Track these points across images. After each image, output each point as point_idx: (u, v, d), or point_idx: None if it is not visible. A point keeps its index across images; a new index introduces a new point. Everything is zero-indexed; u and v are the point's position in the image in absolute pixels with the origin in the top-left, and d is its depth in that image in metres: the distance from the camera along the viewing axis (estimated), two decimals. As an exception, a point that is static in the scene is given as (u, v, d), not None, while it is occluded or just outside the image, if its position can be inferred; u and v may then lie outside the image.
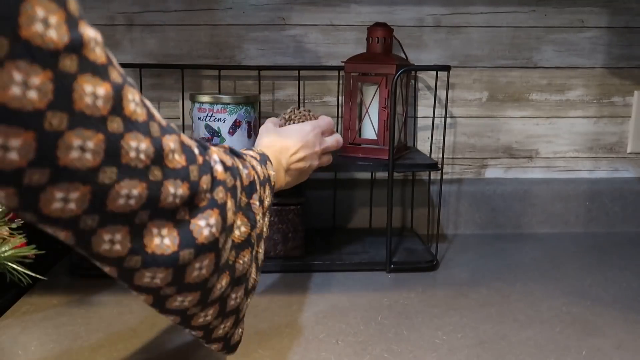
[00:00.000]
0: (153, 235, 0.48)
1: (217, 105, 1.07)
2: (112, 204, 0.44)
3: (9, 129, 0.37)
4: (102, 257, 0.47)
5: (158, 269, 0.49)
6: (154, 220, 0.47)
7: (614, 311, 0.96)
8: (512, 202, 1.35)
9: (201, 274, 0.53)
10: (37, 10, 0.36)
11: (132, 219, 0.46)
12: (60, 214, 0.42)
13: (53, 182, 0.40)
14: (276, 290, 1.03)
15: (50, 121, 0.38)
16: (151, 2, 1.24)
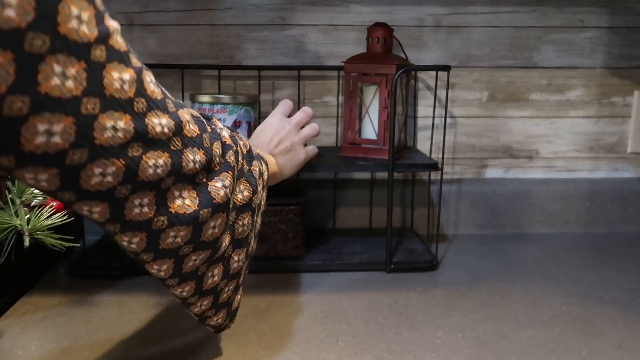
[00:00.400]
0: (175, 198, 0.54)
1: (217, 105, 1.07)
2: (143, 173, 0.50)
3: (52, 116, 0.42)
4: (133, 223, 0.52)
5: (180, 227, 0.55)
6: (176, 185, 0.53)
7: (614, 311, 0.96)
8: (512, 202, 1.35)
9: (214, 233, 0.59)
10: (72, 8, 0.41)
11: (159, 185, 0.52)
12: (99, 187, 0.47)
13: (92, 160, 0.46)
14: (276, 290, 1.03)
15: (86, 106, 0.44)
16: (151, 2, 1.24)
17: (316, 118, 1.30)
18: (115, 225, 0.52)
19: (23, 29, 0.38)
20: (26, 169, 0.44)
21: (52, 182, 0.46)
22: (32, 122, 0.41)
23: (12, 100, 0.40)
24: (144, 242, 0.54)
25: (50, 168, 0.45)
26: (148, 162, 0.50)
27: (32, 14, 0.38)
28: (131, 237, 0.54)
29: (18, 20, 0.38)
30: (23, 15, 0.38)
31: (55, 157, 0.44)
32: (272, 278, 1.08)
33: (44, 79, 0.41)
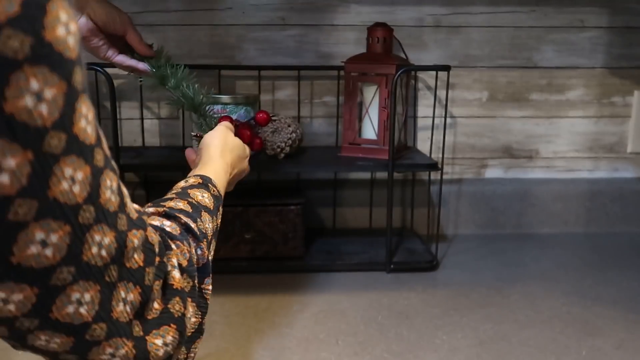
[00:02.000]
0: (101, 354, 0.41)
1: (217, 105, 1.07)
2: (58, 310, 0.37)
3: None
4: (36, 349, 0.40)
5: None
6: (109, 340, 0.41)
7: (614, 311, 0.96)
8: (512, 202, 1.35)
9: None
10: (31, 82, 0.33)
11: (83, 335, 0.39)
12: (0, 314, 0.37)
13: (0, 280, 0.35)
14: (276, 290, 1.03)
15: (17, 209, 0.34)
16: (151, 2, 1.24)
17: (316, 118, 1.30)
18: (14, 344, 0.41)
19: (12, 196, 0.32)
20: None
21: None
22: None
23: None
24: None
25: None
26: (71, 295, 0.37)
27: (24, 181, 0.33)
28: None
29: (8, 188, 0.32)
30: (15, 183, 0.32)
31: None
32: (272, 278, 1.08)
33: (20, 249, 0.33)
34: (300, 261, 1.12)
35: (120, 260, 0.40)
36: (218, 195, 0.61)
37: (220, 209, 0.61)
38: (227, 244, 1.10)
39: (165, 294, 0.46)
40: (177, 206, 0.54)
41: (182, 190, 0.58)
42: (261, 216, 1.10)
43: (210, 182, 0.62)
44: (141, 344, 0.43)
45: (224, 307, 0.96)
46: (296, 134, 1.10)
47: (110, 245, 0.39)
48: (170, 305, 0.46)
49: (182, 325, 0.47)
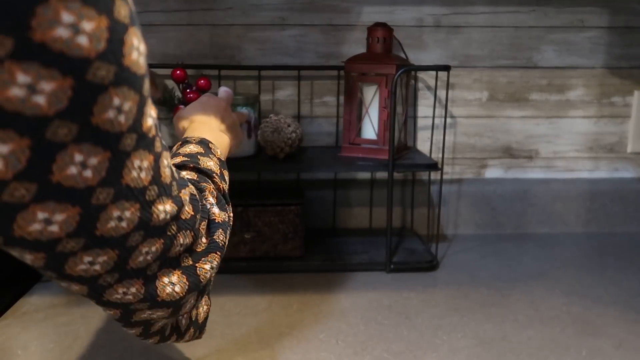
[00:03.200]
0: (165, 285, 0.50)
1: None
2: (133, 262, 0.46)
3: (57, 205, 0.39)
4: (111, 303, 0.49)
5: (160, 310, 0.52)
6: (162, 270, 0.50)
7: (614, 311, 0.96)
8: (512, 202, 1.35)
9: (190, 307, 0.56)
10: (115, 99, 0.38)
11: (146, 272, 0.48)
12: (84, 274, 0.44)
13: (85, 249, 0.43)
14: (276, 290, 1.03)
15: (98, 196, 0.41)
16: (151, 2, 1.24)
17: (316, 118, 1.30)
18: (91, 300, 0.49)
19: (50, 116, 0.36)
20: (13, 249, 0.41)
21: (37, 262, 0.42)
22: (32, 210, 0.38)
23: (15, 187, 0.37)
24: (117, 315, 0.51)
25: (38, 252, 0.41)
26: (142, 250, 0.46)
27: (64, 103, 0.36)
28: (105, 309, 0.50)
29: (46, 108, 0.35)
30: (54, 105, 0.35)
31: (46, 244, 0.40)
32: (272, 278, 1.08)
33: (59, 168, 0.37)
34: (300, 261, 1.12)
35: (178, 216, 0.49)
36: (200, 140, 0.68)
37: (211, 146, 0.69)
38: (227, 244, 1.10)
39: (210, 228, 0.56)
40: (176, 161, 0.62)
41: (172, 154, 0.65)
42: (261, 216, 1.10)
43: (186, 138, 0.69)
44: (191, 270, 0.52)
45: (224, 307, 0.96)
46: (296, 134, 1.10)
47: (172, 209, 0.47)
48: (215, 236, 0.56)
49: (223, 250, 0.57)
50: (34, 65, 0.34)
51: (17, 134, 0.35)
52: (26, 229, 0.39)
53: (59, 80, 0.35)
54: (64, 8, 0.34)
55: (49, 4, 0.33)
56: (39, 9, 0.33)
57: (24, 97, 0.34)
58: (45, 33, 0.34)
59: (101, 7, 0.36)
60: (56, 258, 0.42)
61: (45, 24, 0.33)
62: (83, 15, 0.35)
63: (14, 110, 0.34)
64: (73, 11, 0.34)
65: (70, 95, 0.36)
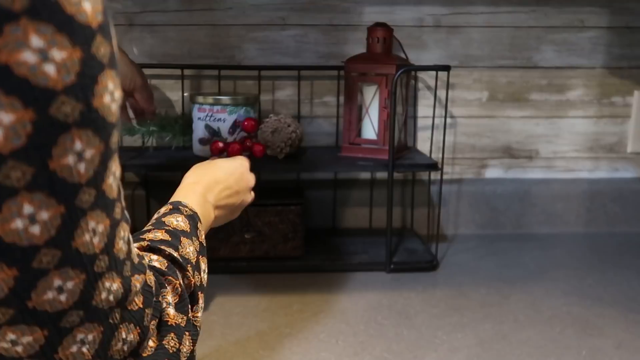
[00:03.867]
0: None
1: (217, 106, 1.07)
2: (63, 352, 0.39)
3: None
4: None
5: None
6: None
7: (614, 311, 0.96)
8: (512, 202, 1.35)
9: None
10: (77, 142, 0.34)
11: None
12: (4, 352, 0.38)
13: (11, 323, 0.37)
14: (276, 290, 1.03)
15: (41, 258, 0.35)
16: (151, 2, 1.24)
17: (316, 118, 1.30)
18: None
19: (5, 155, 0.32)
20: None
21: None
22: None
23: None
24: None
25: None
26: (77, 336, 0.38)
27: (22, 140, 0.32)
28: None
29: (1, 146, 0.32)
30: (11, 140, 0.32)
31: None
32: (272, 278, 1.08)
33: (3, 220, 0.33)
34: (300, 261, 1.12)
35: (124, 304, 0.41)
36: (192, 214, 0.60)
37: (199, 225, 0.60)
38: (227, 244, 1.10)
39: (160, 330, 0.47)
40: (157, 237, 0.54)
41: (156, 220, 0.58)
42: (261, 216, 1.10)
43: (180, 204, 0.60)
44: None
45: (224, 307, 0.96)
46: (296, 134, 1.10)
47: (118, 290, 0.40)
48: (165, 341, 0.47)
49: (176, 358, 0.49)
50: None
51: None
52: None
53: (19, 111, 0.31)
54: (35, 31, 0.31)
55: (18, 24, 0.31)
56: (8, 27, 0.31)
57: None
58: (10, 55, 0.31)
59: (78, 38, 0.33)
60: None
61: (12, 44, 0.31)
62: (55, 42, 0.32)
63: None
64: (44, 36, 0.32)
65: (29, 132, 0.32)
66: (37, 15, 0.31)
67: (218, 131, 1.08)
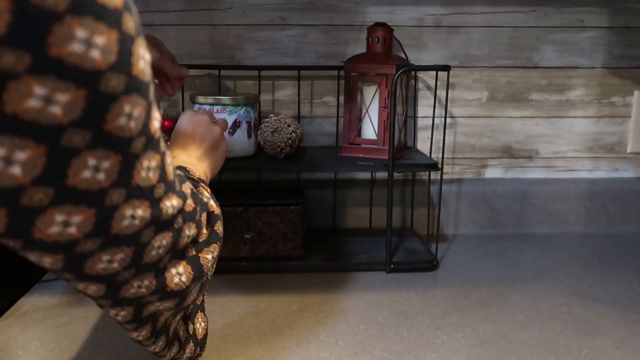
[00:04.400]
0: (173, 276, 0.53)
1: (217, 106, 1.07)
2: (147, 256, 0.49)
3: (74, 208, 0.41)
4: (126, 300, 0.51)
5: (168, 300, 0.54)
6: (171, 262, 0.52)
7: (614, 311, 0.96)
8: (512, 202, 1.35)
9: (193, 299, 0.58)
10: (125, 107, 0.41)
11: (158, 265, 0.51)
12: (103, 272, 0.47)
13: (103, 249, 0.45)
14: (276, 290, 1.03)
15: (111, 197, 0.43)
16: (151, 2, 1.24)
17: (316, 118, 1.30)
18: (107, 301, 0.51)
19: (64, 125, 0.38)
20: (31, 252, 0.43)
21: (55, 265, 0.45)
22: (50, 213, 0.40)
23: (33, 192, 0.39)
24: (130, 314, 0.54)
25: (57, 254, 0.43)
26: (154, 244, 0.49)
27: (78, 113, 0.38)
28: (119, 311, 0.53)
29: (61, 117, 0.37)
30: (69, 114, 0.38)
31: (64, 245, 0.43)
32: (272, 278, 1.08)
33: (74, 172, 0.40)
34: (300, 261, 1.12)
35: (183, 209, 0.52)
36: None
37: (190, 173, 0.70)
38: (227, 244, 1.10)
39: (210, 219, 0.59)
40: None
41: None
42: (261, 216, 1.10)
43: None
44: (195, 260, 0.55)
45: (224, 307, 0.96)
46: (296, 134, 1.10)
47: (178, 204, 0.51)
48: (216, 227, 0.60)
49: (221, 241, 0.61)
50: (50, 78, 0.36)
51: (34, 141, 0.37)
52: (45, 232, 0.41)
53: (73, 91, 0.37)
54: (78, 25, 0.36)
55: (63, 22, 0.36)
56: (55, 26, 0.35)
57: (40, 108, 0.36)
58: (60, 48, 0.36)
59: (112, 21, 0.39)
60: (75, 259, 0.44)
61: (60, 40, 0.36)
62: (95, 30, 0.37)
63: (31, 120, 0.36)
64: (86, 27, 0.37)
65: (83, 106, 0.38)
66: (78, 11, 0.36)
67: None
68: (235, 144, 1.08)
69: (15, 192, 0.38)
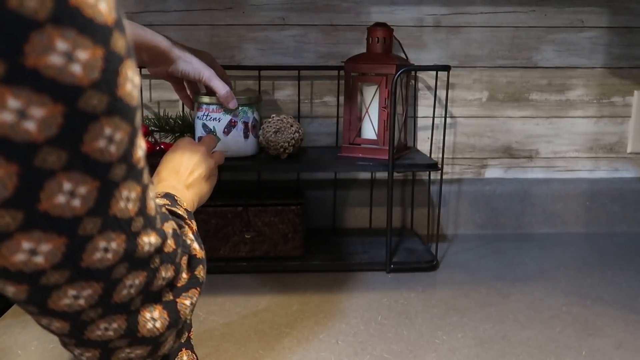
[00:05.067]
0: (147, 321, 0.49)
1: (213, 105, 1.07)
2: (117, 295, 0.45)
3: (43, 235, 0.38)
4: (91, 342, 0.47)
5: (140, 347, 0.50)
6: (145, 305, 0.49)
7: (614, 311, 0.96)
8: (512, 202, 1.35)
9: (170, 347, 0.55)
10: (105, 128, 0.38)
11: (129, 307, 0.47)
12: (67, 309, 0.43)
13: (70, 282, 0.42)
14: (276, 290, 1.03)
15: (85, 226, 0.40)
16: (151, 2, 1.24)
17: (316, 118, 1.30)
18: (71, 340, 0.47)
19: (39, 142, 0.35)
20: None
21: (19, 295, 0.42)
22: (17, 240, 0.38)
23: (1, 214, 0.36)
24: (95, 357, 0.50)
25: (21, 284, 0.40)
26: (126, 283, 0.45)
27: (54, 130, 0.36)
28: (83, 352, 0.49)
29: (35, 134, 0.35)
30: (44, 131, 0.35)
31: (29, 275, 0.40)
32: (272, 278, 1.08)
33: (47, 196, 0.37)
34: (300, 261, 1.12)
35: (161, 249, 0.48)
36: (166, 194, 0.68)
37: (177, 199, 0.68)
38: (227, 244, 1.10)
39: (191, 263, 0.56)
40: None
41: None
42: (261, 216, 1.10)
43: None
44: (171, 305, 0.52)
45: (223, 307, 0.96)
46: (299, 134, 1.10)
47: (156, 242, 0.47)
48: (197, 271, 0.56)
49: (202, 287, 0.57)
50: (25, 90, 0.34)
51: (5, 159, 0.35)
52: (10, 259, 0.38)
53: (49, 106, 0.35)
54: (59, 36, 0.34)
55: (43, 31, 0.34)
56: (34, 35, 0.33)
57: (13, 122, 0.34)
58: (38, 59, 0.34)
59: (98, 37, 0.37)
60: (40, 291, 0.41)
61: (38, 50, 0.34)
62: (78, 44, 0.35)
63: (3, 136, 0.34)
64: (68, 39, 0.35)
65: (60, 123, 0.36)
66: (60, 22, 0.34)
67: (213, 130, 1.08)
68: (230, 144, 1.08)
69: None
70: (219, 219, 1.09)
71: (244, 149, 1.11)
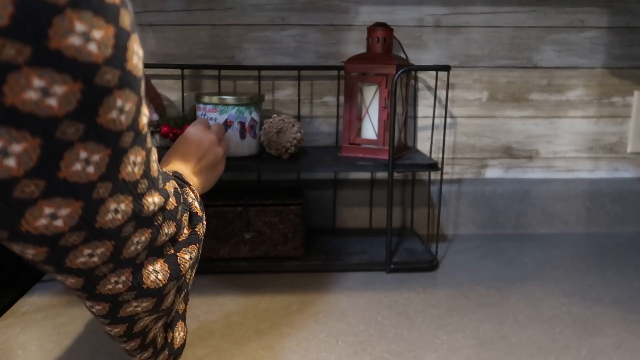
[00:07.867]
0: (149, 273, 0.53)
1: (209, 105, 1.08)
2: (126, 251, 0.49)
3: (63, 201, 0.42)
4: (102, 296, 0.52)
5: (145, 299, 0.54)
6: (148, 259, 0.53)
7: (614, 311, 0.96)
8: (512, 202, 1.35)
9: (172, 300, 0.58)
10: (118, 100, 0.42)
11: (135, 261, 0.51)
12: (83, 266, 0.48)
13: (85, 242, 0.46)
14: (276, 290, 1.03)
15: (99, 190, 0.44)
16: (151, 2, 1.24)
17: (316, 118, 1.30)
18: (83, 294, 0.52)
19: (60, 117, 0.39)
20: (16, 244, 0.44)
21: (38, 257, 0.45)
22: (40, 206, 0.41)
23: (26, 184, 0.40)
24: (105, 310, 0.54)
25: (42, 247, 0.44)
26: (134, 240, 0.49)
27: (73, 105, 0.39)
28: (94, 305, 0.53)
29: (57, 110, 0.38)
30: (65, 106, 0.39)
31: (50, 238, 0.44)
32: (272, 278, 1.08)
33: (66, 165, 0.41)
34: (300, 261, 1.12)
35: (164, 207, 0.53)
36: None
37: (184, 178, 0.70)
38: (227, 244, 1.10)
39: (192, 220, 0.60)
40: None
41: None
42: (261, 216, 1.10)
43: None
44: (172, 259, 0.56)
45: (223, 307, 0.96)
46: (300, 134, 1.10)
47: (159, 201, 0.51)
48: (197, 228, 0.60)
49: (201, 243, 0.61)
50: (49, 70, 0.37)
51: (30, 134, 0.38)
52: (33, 224, 0.42)
53: (70, 84, 0.38)
54: (78, 18, 0.37)
55: (64, 15, 0.37)
56: (56, 19, 0.36)
57: (38, 100, 0.38)
58: (60, 41, 0.37)
59: (109, 16, 0.39)
60: (58, 252, 0.45)
61: (60, 33, 0.37)
62: (94, 25, 0.39)
63: (28, 112, 0.37)
64: (85, 21, 0.38)
65: (79, 98, 0.39)
66: (78, 5, 0.37)
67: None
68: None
69: (8, 184, 0.39)
70: (219, 219, 1.09)
71: (241, 148, 1.11)
